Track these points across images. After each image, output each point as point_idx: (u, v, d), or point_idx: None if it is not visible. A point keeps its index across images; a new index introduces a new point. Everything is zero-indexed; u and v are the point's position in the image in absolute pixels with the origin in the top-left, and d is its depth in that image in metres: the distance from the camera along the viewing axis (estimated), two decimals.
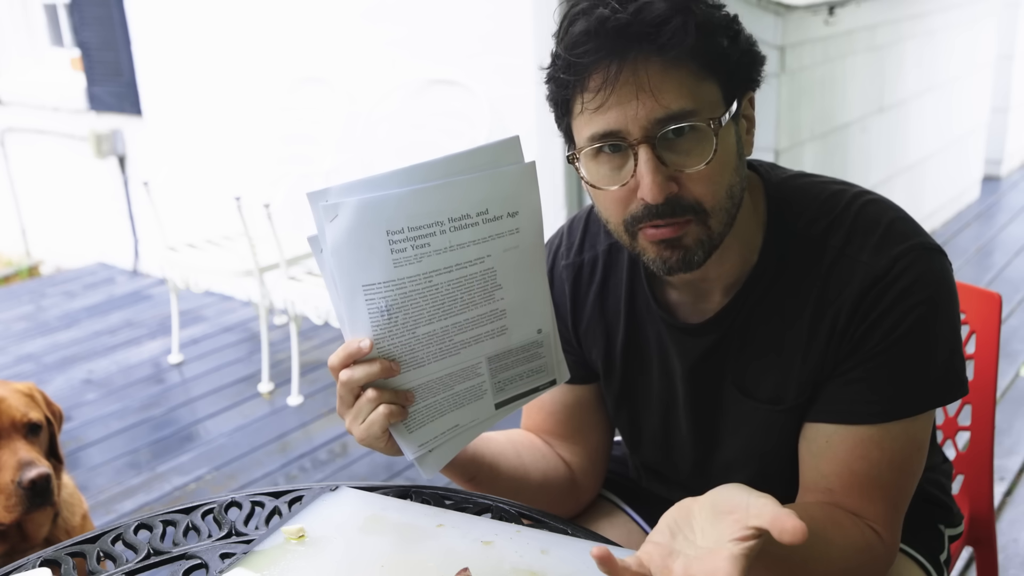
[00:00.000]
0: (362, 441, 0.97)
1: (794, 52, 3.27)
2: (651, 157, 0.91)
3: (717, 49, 0.91)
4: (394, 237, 0.88)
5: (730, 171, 0.95)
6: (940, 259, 0.99)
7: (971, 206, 5.31)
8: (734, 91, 0.95)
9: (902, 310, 0.96)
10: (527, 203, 0.94)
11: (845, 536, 0.97)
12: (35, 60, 5.20)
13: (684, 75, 0.90)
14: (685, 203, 0.93)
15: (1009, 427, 2.86)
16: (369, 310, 0.90)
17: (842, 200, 1.02)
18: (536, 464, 1.20)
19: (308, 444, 3.03)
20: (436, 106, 3.36)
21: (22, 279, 5.35)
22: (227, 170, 4.12)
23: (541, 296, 0.99)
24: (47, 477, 1.57)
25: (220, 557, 1.01)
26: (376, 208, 0.87)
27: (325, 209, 0.87)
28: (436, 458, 1.01)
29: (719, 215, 0.95)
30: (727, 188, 0.95)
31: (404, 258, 0.88)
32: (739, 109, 0.96)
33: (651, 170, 0.91)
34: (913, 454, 1.01)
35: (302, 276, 3.18)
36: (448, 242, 0.90)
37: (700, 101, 0.91)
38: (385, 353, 0.92)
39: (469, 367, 0.97)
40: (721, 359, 1.08)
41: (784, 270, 1.03)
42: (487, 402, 1.00)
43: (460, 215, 0.90)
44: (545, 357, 1.02)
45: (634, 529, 1.28)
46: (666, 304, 1.10)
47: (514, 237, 0.94)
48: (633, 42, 0.88)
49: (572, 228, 1.20)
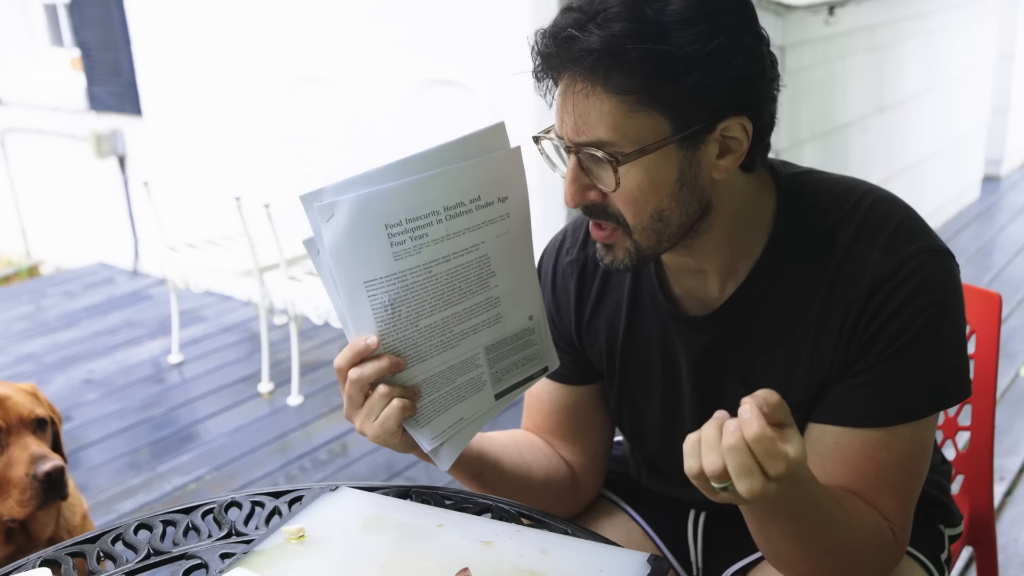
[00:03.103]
0: (376, 439, 0.97)
1: (794, 52, 3.27)
2: (573, 166, 0.96)
3: (656, 85, 0.89)
4: (393, 230, 0.89)
5: (659, 197, 0.95)
6: (948, 262, 1.00)
7: (971, 206, 5.31)
8: (695, 118, 0.92)
9: (910, 313, 0.97)
10: (515, 188, 0.97)
11: (860, 513, 0.98)
12: (35, 60, 5.20)
13: (607, 107, 0.91)
14: (608, 211, 0.97)
15: (1009, 427, 2.86)
16: (372, 306, 0.91)
17: (852, 196, 1.03)
18: (538, 463, 1.20)
19: (308, 444, 3.03)
20: (436, 106, 3.36)
21: (22, 279, 5.35)
22: (227, 170, 4.12)
23: (531, 282, 1.01)
24: (61, 469, 1.58)
25: (220, 557, 1.01)
26: (373, 203, 0.88)
27: (320, 210, 0.88)
28: (449, 450, 1.02)
29: (645, 233, 0.97)
30: (652, 212, 0.96)
31: (404, 250, 0.90)
32: (704, 135, 0.93)
33: (569, 178, 0.96)
34: (920, 455, 1.02)
35: (302, 276, 3.18)
36: (445, 231, 0.91)
37: (619, 133, 0.91)
38: (391, 349, 0.93)
39: (468, 359, 0.99)
40: (725, 353, 1.08)
41: (791, 264, 1.03)
42: (487, 393, 1.02)
43: (455, 203, 0.91)
44: (537, 344, 1.04)
45: (634, 528, 1.28)
46: (671, 297, 1.11)
47: (505, 222, 0.96)
48: (565, 65, 0.92)
49: (575, 226, 1.21)
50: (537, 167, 1.06)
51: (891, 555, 1.02)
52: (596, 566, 0.93)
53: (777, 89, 0.98)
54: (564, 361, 1.19)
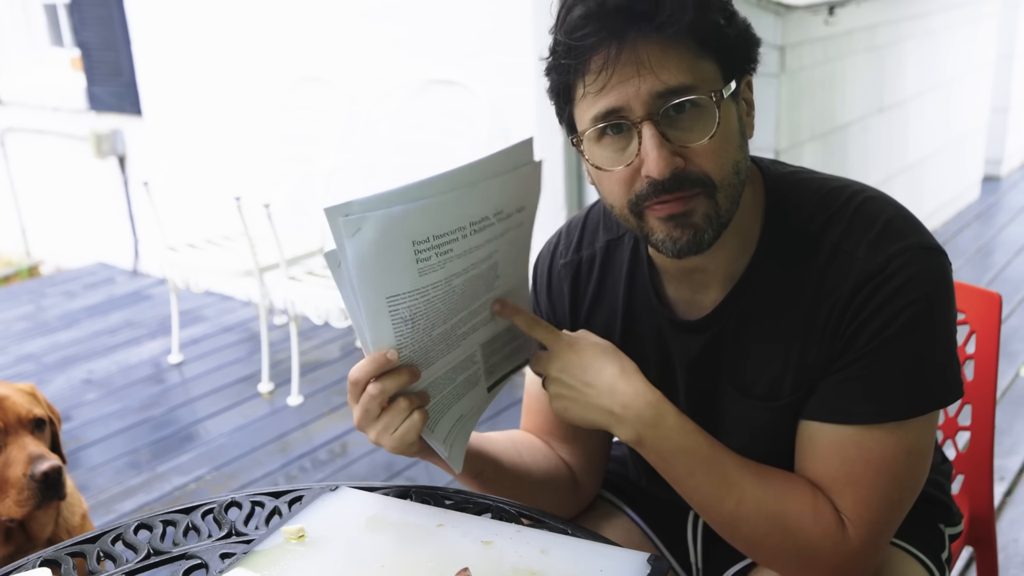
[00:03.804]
0: (394, 450, 0.98)
1: (794, 52, 3.27)
2: (655, 133, 0.92)
3: (714, 27, 0.93)
4: (420, 247, 0.88)
5: (735, 147, 0.96)
6: (938, 259, 0.97)
7: (971, 206, 5.31)
8: (733, 71, 0.96)
9: (893, 309, 0.95)
10: (532, 198, 0.97)
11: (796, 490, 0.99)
12: (35, 60, 5.20)
13: (683, 52, 0.92)
14: (692, 176, 0.94)
15: (1009, 427, 2.86)
16: (393, 321, 0.90)
17: (841, 196, 1.02)
18: (538, 463, 1.20)
19: (308, 444, 3.03)
20: (436, 106, 3.36)
21: (22, 279, 5.35)
22: (227, 170, 4.12)
23: (524, 279, 1.03)
24: (59, 469, 1.58)
25: (220, 557, 1.01)
26: (401, 220, 0.86)
27: (346, 224, 0.85)
28: (457, 450, 1.04)
29: (727, 190, 0.96)
30: (733, 163, 0.96)
31: (429, 266, 0.89)
32: (739, 90, 0.98)
33: (656, 145, 0.92)
34: (901, 459, 0.97)
35: (302, 276, 3.18)
36: (468, 245, 0.91)
37: (699, 77, 0.93)
38: (406, 359, 0.94)
39: (467, 357, 1.00)
40: (717, 356, 1.08)
41: (780, 265, 1.02)
42: (481, 387, 1.04)
43: (480, 218, 0.91)
44: (523, 336, 1.06)
45: (633, 529, 1.28)
46: (665, 301, 1.11)
47: (517, 230, 0.97)
48: (631, 22, 0.90)
49: (570, 228, 1.21)
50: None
51: (840, 549, 0.98)
52: (596, 566, 0.93)
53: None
54: None
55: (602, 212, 1.18)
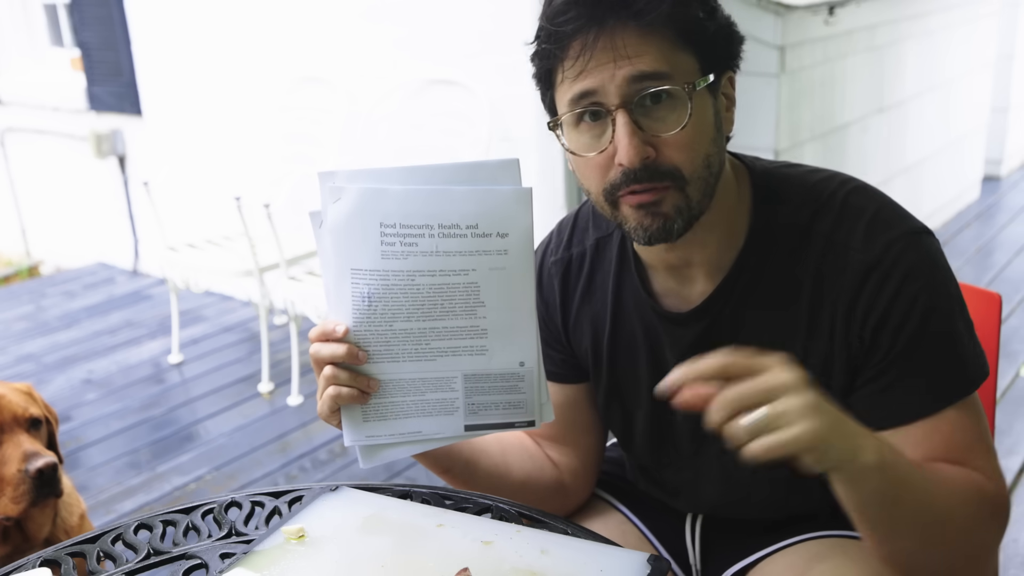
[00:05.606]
0: (320, 416, 1.02)
1: (794, 52, 3.27)
2: (628, 121, 0.94)
3: (693, 20, 0.95)
4: (386, 230, 0.93)
5: (707, 141, 0.98)
6: (928, 240, 1.01)
7: (971, 206, 5.31)
8: (712, 64, 0.98)
9: (907, 302, 0.97)
10: (519, 227, 0.96)
11: (952, 480, 0.97)
12: (35, 60, 5.20)
13: (660, 42, 0.93)
14: (663, 169, 0.96)
15: (1009, 427, 2.86)
16: (353, 293, 0.95)
17: (828, 188, 1.04)
18: (521, 464, 1.20)
19: (308, 444, 3.03)
20: (436, 106, 3.36)
21: (22, 279, 5.35)
22: (227, 170, 4.11)
23: (527, 329, 0.99)
24: (54, 466, 1.58)
25: (220, 557, 1.02)
26: (375, 199, 0.93)
27: (331, 190, 0.94)
28: (383, 454, 1.02)
29: (697, 183, 0.97)
30: (704, 157, 0.97)
31: (392, 252, 0.94)
32: (718, 84, 0.99)
33: (627, 133, 0.94)
34: (975, 414, 1.01)
35: (302, 276, 3.18)
36: (435, 247, 0.94)
37: (675, 68, 0.94)
38: (361, 339, 0.96)
39: (444, 378, 0.99)
40: (711, 348, 1.07)
41: (771, 257, 1.04)
42: (457, 420, 1.01)
43: (450, 224, 0.94)
44: (526, 393, 1.01)
45: (630, 530, 1.28)
46: (653, 294, 1.12)
47: (501, 258, 0.96)
48: (611, 10, 0.92)
49: (561, 227, 1.23)
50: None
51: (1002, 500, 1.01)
52: (596, 566, 0.93)
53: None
54: (555, 359, 1.20)
55: (591, 211, 1.19)
